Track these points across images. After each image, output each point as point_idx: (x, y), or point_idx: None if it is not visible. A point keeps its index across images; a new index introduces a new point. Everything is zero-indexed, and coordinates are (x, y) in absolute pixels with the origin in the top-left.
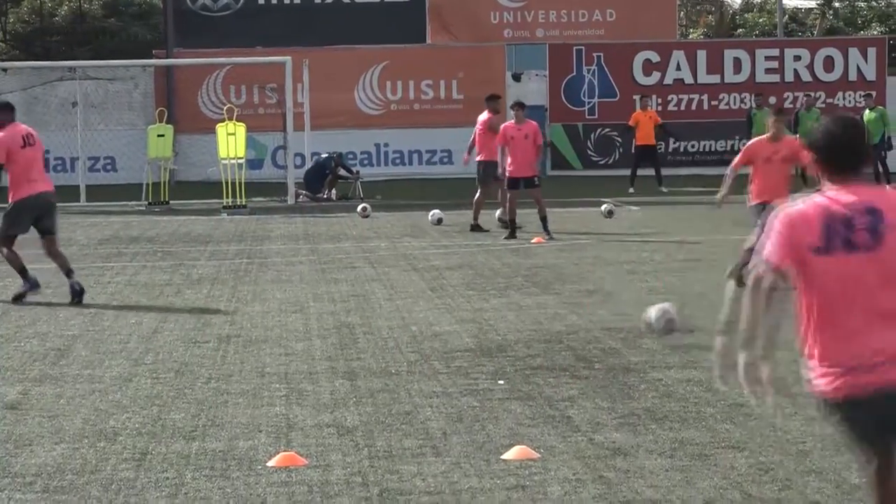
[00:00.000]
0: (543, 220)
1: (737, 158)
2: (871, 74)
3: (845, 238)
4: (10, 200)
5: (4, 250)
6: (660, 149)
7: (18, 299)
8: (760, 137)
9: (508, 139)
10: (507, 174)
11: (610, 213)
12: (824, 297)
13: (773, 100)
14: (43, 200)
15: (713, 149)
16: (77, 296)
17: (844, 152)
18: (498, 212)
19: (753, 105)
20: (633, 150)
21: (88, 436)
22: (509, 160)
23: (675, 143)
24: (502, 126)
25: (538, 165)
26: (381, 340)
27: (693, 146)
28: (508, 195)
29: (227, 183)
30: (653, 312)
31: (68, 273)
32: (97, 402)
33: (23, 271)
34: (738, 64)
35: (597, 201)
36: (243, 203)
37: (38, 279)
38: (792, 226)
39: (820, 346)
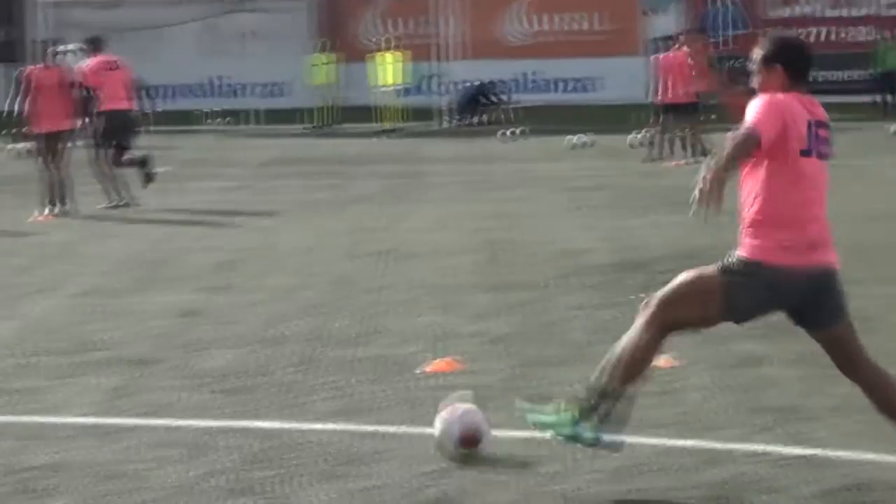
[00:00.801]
0: (695, 145)
1: None
2: None
3: (817, 149)
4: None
5: (112, 167)
6: None
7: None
8: None
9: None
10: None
11: None
12: (795, 188)
13: None
14: (120, 116)
15: (839, 79)
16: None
17: (809, 63)
18: (629, 137)
19: (879, 38)
20: None
21: (258, 341)
22: (669, 86)
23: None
24: (663, 56)
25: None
26: (527, 256)
27: (821, 77)
28: (661, 119)
29: (384, 108)
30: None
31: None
32: (265, 310)
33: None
34: None
35: (729, 127)
36: (399, 127)
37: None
38: (788, 109)
39: (781, 221)
